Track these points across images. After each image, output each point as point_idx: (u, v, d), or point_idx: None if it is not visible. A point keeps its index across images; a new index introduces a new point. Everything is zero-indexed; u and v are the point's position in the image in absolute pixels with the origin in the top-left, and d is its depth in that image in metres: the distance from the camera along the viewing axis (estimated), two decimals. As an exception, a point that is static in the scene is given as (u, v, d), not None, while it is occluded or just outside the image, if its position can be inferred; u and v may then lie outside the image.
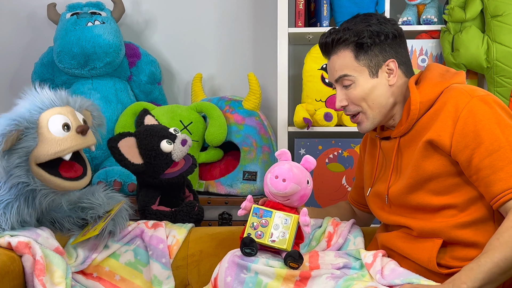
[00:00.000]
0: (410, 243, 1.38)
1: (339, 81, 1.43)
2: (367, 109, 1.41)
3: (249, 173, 2.20)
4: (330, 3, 2.23)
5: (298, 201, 1.39)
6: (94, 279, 1.47)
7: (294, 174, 1.35)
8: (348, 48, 1.41)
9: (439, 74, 1.41)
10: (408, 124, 1.38)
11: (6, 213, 1.33)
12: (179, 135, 1.75)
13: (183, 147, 1.73)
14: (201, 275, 1.54)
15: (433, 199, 1.34)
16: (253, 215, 1.37)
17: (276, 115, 2.22)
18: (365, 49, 1.39)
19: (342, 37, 1.41)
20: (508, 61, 2.01)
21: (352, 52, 1.40)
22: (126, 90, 2.35)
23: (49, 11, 2.35)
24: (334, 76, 1.44)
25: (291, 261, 1.30)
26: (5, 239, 1.31)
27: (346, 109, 1.45)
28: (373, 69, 1.40)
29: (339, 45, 1.42)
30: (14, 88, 2.59)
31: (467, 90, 1.33)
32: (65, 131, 1.34)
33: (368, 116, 1.42)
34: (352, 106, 1.43)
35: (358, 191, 1.68)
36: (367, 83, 1.40)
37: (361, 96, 1.40)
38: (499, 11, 2.00)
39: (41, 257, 1.29)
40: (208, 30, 2.53)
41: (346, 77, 1.41)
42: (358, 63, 1.40)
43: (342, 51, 1.42)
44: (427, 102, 1.36)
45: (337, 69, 1.42)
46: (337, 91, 1.44)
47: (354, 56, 1.40)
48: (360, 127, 1.45)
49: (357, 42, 1.39)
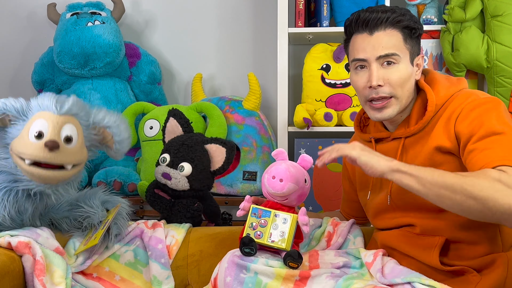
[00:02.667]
0: (412, 241, 1.38)
1: (382, 58, 1.36)
2: (401, 95, 1.37)
3: (249, 173, 2.20)
4: (330, 3, 2.23)
5: (296, 201, 1.39)
6: (94, 279, 1.47)
7: (291, 174, 1.35)
8: (399, 29, 1.37)
9: (444, 78, 1.42)
10: (420, 126, 1.37)
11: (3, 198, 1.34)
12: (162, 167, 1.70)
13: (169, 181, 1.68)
14: (201, 275, 1.54)
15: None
16: (252, 216, 1.37)
17: (276, 115, 2.22)
18: (412, 35, 1.38)
19: (397, 17, 1.36)
20: (508, 61, 2.01)
21: (401, 33, 1.37)
22: (126, 90, 2.36)
23: (49, 11, 2.35)
24: (379, 52, 1.36)
25: (290, 261, 1.30)
26: (5, 239, 1.31)
27: (379, 90, 1.36)
28: (411, 57, 1.39)
29: (392, 24, 1.37)
30: (14, 88, 2.59)
31: (477, 92, 1.35)
32: (36, 138, 1.32)
33: (399, 102, 1.37)
34: (388, 87, 1.36)
35: (349, 204, 1.68)
36: (407, 68, 1.38)
37: (402, 80, 1.36)
38: (499, 11, 2.00)
39: (41, 257, 1.29)
40: (208, 30, 2.53)
41: (394, 56, 1.36)
42: (405, 46, 1.37)
43: (391, 30, 1.37)
44: (440, 105, 1.36)
45: (384, 45, 1.36)
46: (374, 69, 1.36)
47: (403, 38, 1.37)
48: (383, 112, 1.38)
49: (411, 26, 1.37)
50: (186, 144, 1.68)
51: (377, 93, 1.37)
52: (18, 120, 1.36)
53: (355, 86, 1.43)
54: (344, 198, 1.72)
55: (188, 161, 1.66)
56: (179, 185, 1.66)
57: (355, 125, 1.56)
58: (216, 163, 1.70)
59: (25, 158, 1.32)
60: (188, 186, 1.67)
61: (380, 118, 1.39)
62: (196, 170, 1.66)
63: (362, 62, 1.39)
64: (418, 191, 1.22)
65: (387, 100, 1.37)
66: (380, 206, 1.47)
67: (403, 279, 1.27)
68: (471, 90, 1.38)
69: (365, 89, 1.39)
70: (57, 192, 1.40)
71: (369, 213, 1.53)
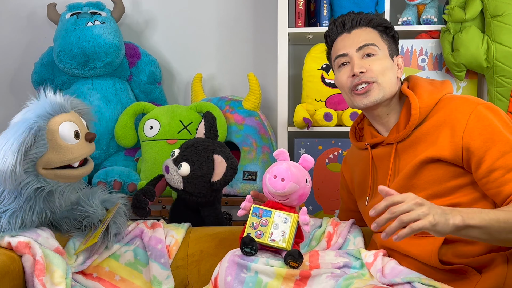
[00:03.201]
0: (411, 241, 1.38)
1: (362, 49, 1.43)
2: (382, 82, 1.42)
3: (249, 173, 2.20)
4: (330, 3, 2.23)
5: (297, 200, 1.39)
6: (94, 280, 1.47)
7: (292, 173, 1.35)
8: (373, 27, 1.46)
9: (428, 82, 1.45)
10: (408, 130, 1.39)
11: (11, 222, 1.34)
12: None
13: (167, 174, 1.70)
14: (201, 275, 1.54)
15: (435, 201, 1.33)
16: (252, 215, 1.37)
17: (276, 115, 2.22)
18: (387, 33, 1.47)
19: (370, 17, 1.47)
20: (508, 61, 2.01)
21: (377, 31, 1.47)
22: (126, 90, 2.35)
23: (49, 11, 2.35)
24: (358, 43, 1.43)
25: (291, 260, 1.30)
26: (5, 239, 1.32)
27: (362, 76, 1.41)
28: (391, 53, 1.46)
29: (365, 23, 1.46)
30: (14, 88, 2.59)
31: (471, 98, 1.37)
32: (76, 139, 1.36)
33: (382, 88, 1.41)
34: (370, 73, 1.41)
35: (347, 213, 1.68)
36: (387, 60, 1.44)
37: (382, 69, 1.42)
38: (499, 11, 2.00)
39: (41, 257, 1.29)
40: (208, 30, 2.53)
41: (373, 46, 1.43)
42: (382, 40, 1.46)
43: (367, 28, 1.46)
44: (425, 108, 1.38)
45: (362, 39, 1.44)
46: (355, 60, 1.42)
47: (379, 34, 1.46)
48: (369, 98, 1.41)
49: (384, 24, 1.46)
50: (195, 147, 1.70)
51: (360, 79, 1.42)
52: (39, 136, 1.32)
53: (340, 82, 1.47)
54: (342, 208, 1.74)
55: (188, 162, 1.67)
56: (172, 182, 1.69)
57: (351, 136, 1.60)
58: (216, 175, 1.69)
59: (75, 162, 1.36)
60: (182, 186, 1.68)
61: (367, 102, 1.42)
62: (193, 174, 1.67)
63: (344, 58, 1.45)
64: (486, 240, 1.22)
65: (370, 84, 1.41)
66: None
67: (403, 279, 1.27)
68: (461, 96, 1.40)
69: (348, 80, 1.44)
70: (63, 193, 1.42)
71: (368, 218, 1.53)
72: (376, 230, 1.19)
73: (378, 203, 1.15)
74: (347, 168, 1.65)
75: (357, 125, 1.60)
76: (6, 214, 1.33)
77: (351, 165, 1.62)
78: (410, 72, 2.18)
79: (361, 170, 1.56)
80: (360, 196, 1.57)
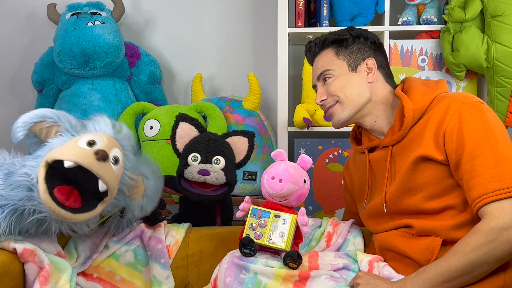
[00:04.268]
0: (409, 242, 1.38)
1: (321, 78, 1.50)
2: (343, 99, 1.46)
3: (249, 173, 2.20)
4: (330, 3, 2.23)
5: (295, 201, 1.39)
6: (94, 280, 1.47)
7: (290, 174, 1.35)
8: (330, 46, 1.50)
9: (422, 83, 1.45)
10: (403, 132, 1.40)
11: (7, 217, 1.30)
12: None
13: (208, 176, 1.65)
14: (201, 275, 1.54)
15: (433, 203, 1.34)
16: (251, 216, 1.37)
17: (276, 115, 2.22)
18: (345, 45, 1.49)
19: (323, 38, 1.52)
20: (508, 61, 2.01)
21: (333, 49, 1.50)
22: (126, 90, 2.36)
23: (49, 11, 2.35)
24: (317, 74, 1.51)
25: (290, 261, 1.30)
26: (10, 244, 1.29)
27: (325, 103, 1.50)
28: (352, 65, 1.48)
29: (322, 46, 1.52)
30: (14, 88, 2.59)
31: (460, 97, 1.34)
32: (86, 145, 1.27)
33: (344, 106, 1.46)
34: (330, 98, 1.48)
35: (350, 216, 1.68)
36: (345, 76, 1.47)
37: (339, 86, 1.46)
38: (499, 11, 2.00)
39: (48, 265, 1.29)
40: (208, 30, 2.53)
41: (327, 71, 1.48)
42: (338, 59, 1.48)
43: (324, 51, 1.52)
44: (419, 110, 1.38)
45: (319, 67, 1.51)
46: (318, 90, 1.51)
47: (335, 52, 1.49)
48: (334, 119, 1.49)
49: (338, 39, 1.49)
50: (213, 139, 1.69)
51: (324, 106, 1.51)
52: (67, 134, 1.31)
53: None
54: (346, 210, 1.75)
55: (220, 154, 1.67)
56: (218, 179, 1.64)
57: (351, 140, 1.62)
58: (240, 154, 1.73)
59: (66, 160, 1.22)
60: (225, 179, 1.65)
61: (336, 124, 1.49)
62: (228, 162, 1.68)
63: (315, 88, 1.55)
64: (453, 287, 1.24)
65: (332, 106, 1.48)
66: (376, 212, 1.47)
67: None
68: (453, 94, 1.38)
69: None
70: (61, 225, 1.32)
71: (365, 220, 1.54)
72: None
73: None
74: (348, 172, 1.67)
75: (357, 129, 1.62)
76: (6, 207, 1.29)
77: (351, 169, 1.64)
78: (410, 72, 2.18)
79: (360, 174, 1.57)
80: (359, 199, 1.58)
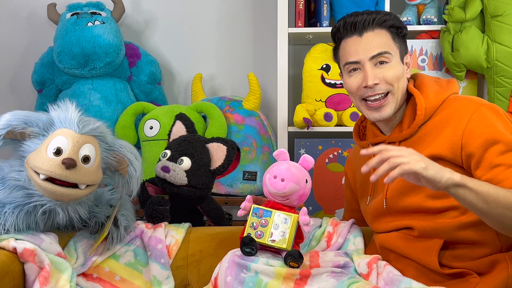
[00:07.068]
0: (411, 243, 1.38)
1: (375, 58, 1.38)
2: (397, 90, 1.38)
3: (249, 173, 2.20)
4: (330, 3, 2.23)
5: (297, 201, 1.39)
6: (94, 280, 1.47)
7: (292, 174, 1.35)
8: (386, 29, 1.40)
9: (434, 81, 1.43)
10: (412, 130, 1.38)
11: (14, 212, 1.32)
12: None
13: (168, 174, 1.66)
14: (201, 275, 1.54)
15: (435, 202, 1.34)
16: (252, 215, 1.37)
17: (276, 115, 2.22)
18: (399, 33, 1.41)
19: (383, 17, 1.39)
20: (508, 61, 2.01)
21: (389, 33, 1.40)
22: (126, 90, 2.36)
23: (49, 11, 2.35)
24: (372, 51, 1.37)
25: (291, 261, 1.30)
26: (10, 243, 1.30)
27: (375, 88, 1.37)
28: (401, 55, 1.42)
29: (378, 24, 1.39)
30: (14, 88, 2.59)
31: (474, 99, 1.36)
32: (54, 155, 1.31)
33: (395, 98, 1.39)
34: (384, 85, 1.37)
35: (350, 213, 1.68)
36: (399, 65, 1.40)
37: (397, 76, 1.38)
38: (499, 11, 2.00)
39: (48, 265, 1.29)
40: (208, 30, 2.53)
41: (387, 54, 1.38)
42: (394, 44, 1.40)
43: (379, 30, 1.39)
44: (431, 108, 1.37)
45: (375, 45, 1.37)
46: (368, 69, 1.37)
47: (392, 37, 1.40)
48: (382, 111, 1.39)
49: (396, 25, 1.40)
50: (188, 140, 1.70)
51: (373, 91, 1.38)
52: (38, 135, 1.35)
53: (349, 88, 1.43)
54: (346, 207, 1.73)
55: (188, 155, 1.66)
56: (177, 178, 1.65)
57: (354, 135, 1.58)
58: (217, 162, 1.70)
59: (40, 173, 1.30)
60: (186, 180, 1.65)
61: (379, 117, 1.40)
62: (195, 165, 1.66)
63: (355, 65, 1.40)
64: (481, 210, 1.18)
65: (384, 99, 1.38)
66: (377, 210, 1.47)
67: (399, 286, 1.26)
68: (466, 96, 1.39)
69: (359, 89, 1.40)
70: (66, 211, 1.37)
71: (367, 218, 1.53)
72: (373, 181, 1.18)
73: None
74: (350, 168, 1.64)
75: (361, 123, 1.58)
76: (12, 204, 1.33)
77: (354, 164, 1.62)
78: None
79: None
80: (362, 195, 1.57)
